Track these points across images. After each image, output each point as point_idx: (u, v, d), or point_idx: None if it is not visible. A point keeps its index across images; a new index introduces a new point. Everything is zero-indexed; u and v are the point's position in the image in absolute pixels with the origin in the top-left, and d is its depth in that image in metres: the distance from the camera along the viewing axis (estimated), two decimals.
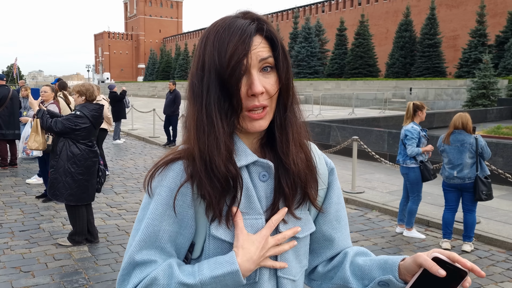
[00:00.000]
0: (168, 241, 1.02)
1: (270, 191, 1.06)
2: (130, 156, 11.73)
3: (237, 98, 0.98)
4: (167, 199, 1.01)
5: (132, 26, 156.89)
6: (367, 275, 1.09)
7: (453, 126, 5.25)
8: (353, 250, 1.19)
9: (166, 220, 1.01)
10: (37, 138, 5.51)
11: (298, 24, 58.20)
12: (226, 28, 0.99)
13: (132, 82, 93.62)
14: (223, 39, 0.98)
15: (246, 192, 1.03)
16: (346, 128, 11.44)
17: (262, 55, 0.99)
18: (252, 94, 0.98)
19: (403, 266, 1.02)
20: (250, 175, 1.05)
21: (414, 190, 5.71)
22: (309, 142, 1.16)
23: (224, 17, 1.04)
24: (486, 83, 25.52)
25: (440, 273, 0.89)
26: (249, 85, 0.98)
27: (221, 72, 0.97)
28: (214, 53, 0.98)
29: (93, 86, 5.22)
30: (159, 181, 1.03)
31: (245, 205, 1.03)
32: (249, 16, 1.02)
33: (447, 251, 0.94)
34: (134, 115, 17.68)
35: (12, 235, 5.55)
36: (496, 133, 12.81)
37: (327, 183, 1.19)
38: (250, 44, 0.97)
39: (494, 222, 6.10)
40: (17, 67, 37.62)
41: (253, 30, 0.99)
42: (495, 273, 4.71)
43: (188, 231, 1.03)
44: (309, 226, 1.14)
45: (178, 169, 1.03)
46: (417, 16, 54.60)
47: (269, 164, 1.05)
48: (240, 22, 1.00)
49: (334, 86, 40.51)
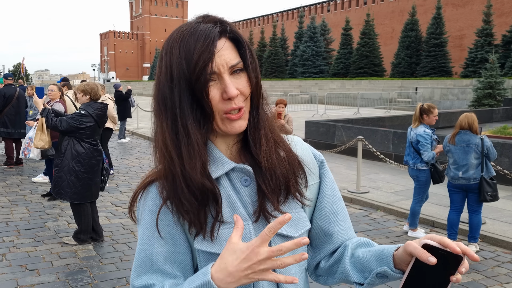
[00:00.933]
0: (166, 262, 1.01)
1: (254, 194, 1.05)
2: (135, 155, 11.76)
3: (207, 104, 0.97)
4: (151, 221, 1.02)
5: (138, 25, 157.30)
6: (366, 267, 1.07)
7: (459, 126, 5.22)
8: (353, 242, 1.16)
9: (157, 242, 1.01)
10: (42, 137, 5.53)
11: (303, 23, 58.18)
12: (191, 34, 0.97)
13: (137, 81, 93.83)
14: (189, 46, 0.96)
15: (228, 200, 1.02)
16: (351, 127, 11.41)
17: (231, 62, 0.98)
18: (227, 98, 0.97)
19: (397, 256, 0.99)
20: (231, 182, 1.04)
21: (421, 192, 5.69)
22: (290, 136, 1.15)
23: (187, 23, 1.02)
24: (492, 83, 25.35)
25: (430, 261, 0.85)
26: (223, 89, 0.97)
27: (190, 80, 0.96)
28: (182, 62, 0.96)
29: (97, 85, 5.24)
30: (142, 206, 1.05)
31: (230, 213, 1.02)
32: (211, 19, 1.01)
33: (439, 236, 0.90)
34: (139, 114, 17.71)
35: (18, 233, 5.58)
36: (502, 133, 12.72)
37: (318, 177, 1.17)
38: (214, 48, 0.96)
39: (499, 223, 6.07)
40: (24, 67, 37.76)
41: (217, 34, 0.97)
42: (500, 274, 4.68)
43: (183, 247, 1.02)
44: (303, 224, 1.11)
45: (155, 191, 1.03)
46: (423, 16, 54.38)
47: (247, 168, 1.04)
48: (203, 26, 0.98)
49: (339, 86, 40.43)
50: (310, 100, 31.73)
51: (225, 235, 1.00)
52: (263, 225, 1.03)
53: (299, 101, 31.55)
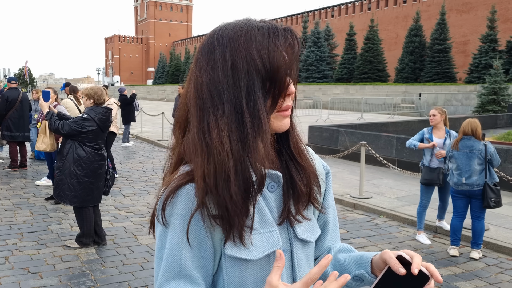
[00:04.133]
0: (193, 267, 0.99)
1: (279, 200, 1.06)
2: (139, 159, 11.79)
3: (282, 98, 1.00)
4: (181, 226, 0.98)
5: (142, 30, 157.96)
6: (346, 270, 1.10)
7: (462, 132, 5.23)
8: (336, 247, 1.20)
9: (185, 248, 0.99)
10: (45, 140, 5.56)
11: (307, 28, 58.20)
12: (255, 29, 0.98)
13: (141, 85, 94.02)
14: (260, 38, 0.97)
15: (257, 206, 1.02)
16: (354, 133, 11.40)
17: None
18: (289, 93, 1.01)
19: (374, 262, 1.03)
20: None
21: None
22: (305, 146, 1.18)
23: (239, 20, 1.03)
24: (496, 88, 25.31)
25: (400, 271, 0.90)
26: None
27: (266, 74, 0.97)
28: (252, 53, 0.96)
29: (101, 90, 5.27)
30: (171, 210, 0.99)
31: (258, 220, 1.02)
32: (266, 21, 1.02)
33: (413, 252, 0.94)
34: (143, 118, 17.77)
35: (21, 236, 5.60)
36: (506, 140, 12.68)
37: (325, 185, 1.21)
38: (297, 47, 1.00)
39: (503, 229, 6.04)
40: (28, 70, 37.85)
41: (290, 31, 1.01)
42: (503, 281, 4.66)
43: (208, 252, 1.01)
44: (316, 229, 1.15)
45: (188, 194, 0.98)
46: (427, 21, 54.36)
47: (278, 175, 1.04)
48: (266, 24, 1.00)
49: (343, 91, 40.44)
50: (314, 105, 31.74)
51: (254, 242, 1.00)
52: (285, 230, 1.06)
53: (303, 106, 31.57)
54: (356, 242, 5.63)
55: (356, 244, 5.53)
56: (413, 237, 5.93)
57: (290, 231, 1.07)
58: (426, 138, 5.78)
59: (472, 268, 4.96)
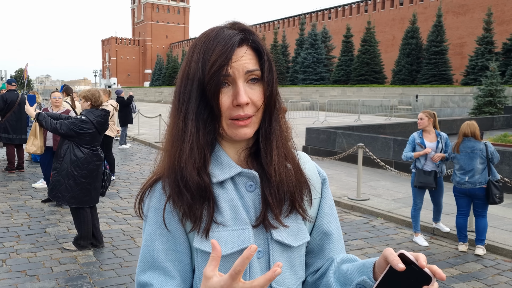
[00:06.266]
0: (166, 260, 1.03)
1: (258, 200, 1.06)
2: (136, 161, 11.77)
3: (217, 106, 0.99)
4: (155, 218, 1.05)
5: (139, 32, 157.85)
6: (349, 280, 1.07)
7: (463, 135, 5.41)
8: (340, 257, 1.16)
9: (158, 239, 1.04)
10: (35, 142, 5.53)
11: (304, 30, 58.36)
12: (212, 38, 1.01)
13: (138, 87, 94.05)
14: (209, 48, 1.00)
15: (230, 203, 1.04)
16: (351, 135, 11.42)
17: (248, 67, 1.00)
18: (237, 104, 0.99)
19: (377, 265, 0.99)
20: (236, 186, 1.06)
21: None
22: (299, 152, 1.17)
23: (213, 28, 1.05)
24: (492, 90, 25.41)
25: (399, 267, 0.88)
26: (234, 95, 1.00)
27: (202, 81, 0.99)
28: (198, 63, 1.00)
29: (99, 92, 5.27)
30: (148, 204, 1.08)
31: (231, 217, 1.03)
32: (236, 27, 1.04)
33: (415, 253, 0.92)
34: (140, 120, 17.75)
35: (18, 239, 5.58)
36: (503, 141, 12.72)
37: (320, 193, 1.19)
38: (231, 54, 0.99)
39: (500, 230, 6.06)
40: (27, 73, 37.74)
41: (237, 41, 1.00)
42: (501, 282, 4.67)
43: (183, 246, 1.04)
44: (302, 235, 1.12)
45: (160, 189, 1.06)
46: (424, 23, 54.58)
47: (253, 174, 1.06)
48: (226, 32, 1.01)
49: (340, 93, 40.48)
50: (311, 107, 31.78)
51: (223, 238, 1.02)
52: (263, 231, 1.06)
53: (300, 108, 31.61)
54: (354, 244, 5.64)
55: (353, 246, 5.54)
56: (411, 238, 5.95)
57: (268, 233, 1.06)
58: (418, 143, 5.77)
59: (469, 270, 4.98)
